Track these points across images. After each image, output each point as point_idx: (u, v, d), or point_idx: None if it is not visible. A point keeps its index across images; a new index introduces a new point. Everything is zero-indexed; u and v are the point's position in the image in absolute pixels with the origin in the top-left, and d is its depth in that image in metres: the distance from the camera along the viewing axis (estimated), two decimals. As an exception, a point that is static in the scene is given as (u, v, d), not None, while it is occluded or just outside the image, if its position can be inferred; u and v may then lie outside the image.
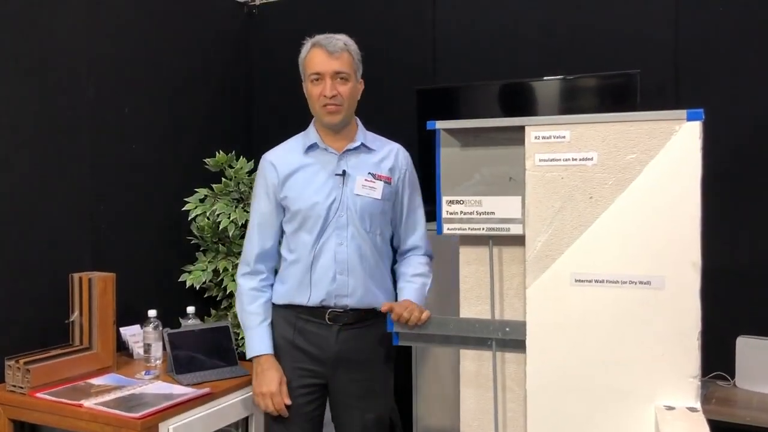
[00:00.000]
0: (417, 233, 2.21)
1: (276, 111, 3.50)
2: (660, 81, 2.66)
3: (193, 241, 3.05)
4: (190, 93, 3.15)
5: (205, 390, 2.27)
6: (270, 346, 2.08)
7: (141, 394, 2.23)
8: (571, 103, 2.68)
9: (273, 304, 2.13)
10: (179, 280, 2.99)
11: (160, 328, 2.61)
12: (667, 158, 1.60)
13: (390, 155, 2.15)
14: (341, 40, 2.04)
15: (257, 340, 2.08)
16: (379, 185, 2.08)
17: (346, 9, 3.33)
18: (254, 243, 2.13)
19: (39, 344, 2.42)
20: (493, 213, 1.80)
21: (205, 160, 3.06)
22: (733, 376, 2.49)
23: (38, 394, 2.19)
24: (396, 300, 2.11)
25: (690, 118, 1.58)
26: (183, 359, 2.48)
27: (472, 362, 1.90)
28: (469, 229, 1.83)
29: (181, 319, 2.82)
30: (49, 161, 2.56)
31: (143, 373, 2.46)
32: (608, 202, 1.65)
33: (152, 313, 2.62)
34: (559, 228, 1.70)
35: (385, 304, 1.92)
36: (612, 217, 1.65)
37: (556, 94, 2.72)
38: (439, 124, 1.81)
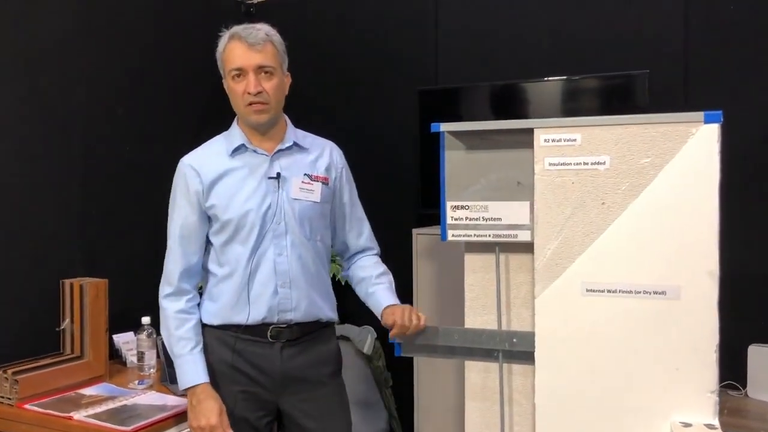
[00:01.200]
0: (365, 234, 2.06)
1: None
2: (669, 82, 2.58)
3: (188, 246, 2.96)
4: (186, 93, 3.07)
5: (200, 401, 2.18)
6: (205, 374, 1.83)
7: (133, 405, 2.15)
8: (578, 105, 2.61)
9: (204, 324, 1.90)
10: (174, 285, 2.90)
11: (154, 336, 2.54)
12: (683, 162, 1.54)
13: (324, 154, 1.97)
14: (262, 30, 1.84)
15: (191, 369, 1.83)
16: (317, 187, 1.90)
17: (347, 7, 3.26)
18: (177, 259, 1.88)
19: (29, 353, 2.34)
20: (499, 219, 1.73)
21: (201, 162, 2.97)
22: (744, 386, 2.41)
23: (26, 406, 2.11)
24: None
25: (708, 121, 1.52)
26: (177, 368, 2.39)
27: (478, 374, 1.82)
28: (474, 235, 1.76)
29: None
30: (39, 163, 2.48)
31: (136, 382, 2.39)
32: (621, 209, 1.59)
33: (146, 320, 2.54)
34: (569, 235, 1.63)
35: (392, 332, 1.82)
36: (625, 223, 1.58)
37: (563, 95, 2.65)
38: (444, 127, 1.74)
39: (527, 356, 1.72)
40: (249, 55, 1.82)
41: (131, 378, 2.46)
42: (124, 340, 2.66)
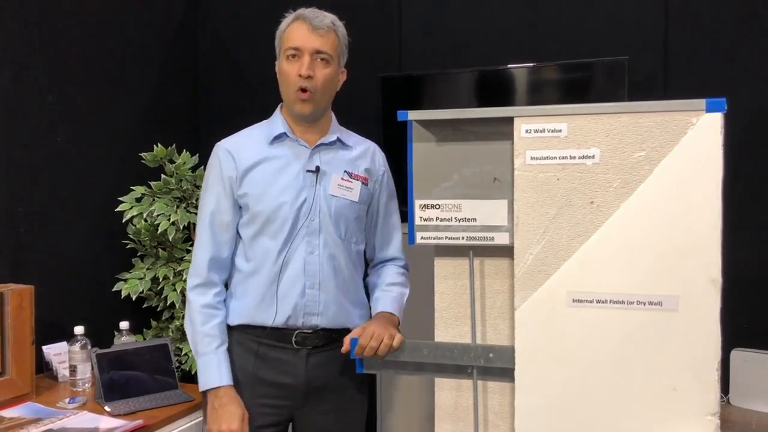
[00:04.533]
0: (394, 243, 1.94)
1: (223, 99, 3.19)
2: (648, 69, 2.43)
3: (129, 246, 2.73)
4: (126, 78, 2.82)
5: (138, 422, 1.96)
6: (230, 375, 1.75)
7: (61, 429, 1.91)
8: (554, 93, 2.44)
9: (226, 325, 1.81)
10: (113, 289, 2.66)
11: (89, 347, 2.30)
12: (682, 156, 1.37)
13: (366, 155, 1.89)
14: (329, 17, 1.77)
15: (214, 370, 1.74)
16: (357, 186, 1.82)
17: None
18: (206, 247, 1.79)
19: (-59, 370, 2.08)
20: (474, 219, 1.55)
21: (142, 155, 2.73)
22: (726, 393, 2.28)
23: (-65, 433, 1.86)
24: (371, 315, 1.85)
25: (710, 109, 1.35)
26: (114, 384, 2.17)
27: (449, 393, 1.64)
28: (446, 238, 1.57)
29: (117, 333, 2.51)
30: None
31: (67, 400, 2.15)
32: (613, 208, 1.41)
33: (79, 329, 2.30)
34: (554, 238, 1.45)
35: (345, 342, 1.65)
36: (617, 225, 1.41)
37: (536, 82, 2.49)
38: (412, 115, 1.54)
39: (505, 372, 1.54)
40: (309, 37, 1.74)
41: (62, 395, 2.22)
42: (55, 351, 2.41)
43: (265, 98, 1.97)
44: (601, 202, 1.41)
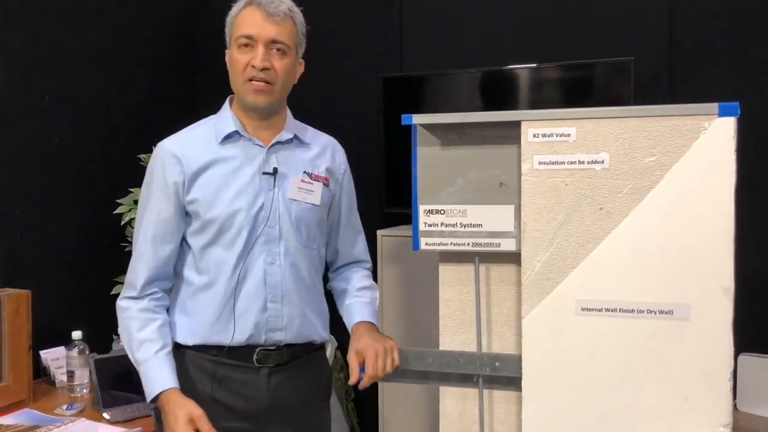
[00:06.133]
0: (359, 245, 1.84)
1: (222, 99, 3.13)
2: (653, 70, 2.40)
3: (127, 249, 2.69)
4: (123, 78, 2.79)
5: (137, 430, 1.96)
6: (173, 377, 1.56)
7: (58, 437, 1.89)
8: (558, 94, 2.41)
9: (177, 344, 1.63)
10: (112, 293, 2.62)
11: (87, 352, 2.28)
12: (694, 162, 1.34)
13: (326, 152, 1.74)
14: (286, 3, 1.61)
15: (156, 373, 1.55)
16: (318, 188, 1.68)
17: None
18: (147, 263, 1.61)
19: (-63, 376, 2.05)
20: (480, 225, 1.51)
21: (140, 156, 2.69)
22: (734, 398, 2.25)
23: (-70, 441, 1.83)
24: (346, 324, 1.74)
25: (723, 114, 1.32)
26: (112, 390, 2.14)
27: (454, 401, 1.61)
28: (451, 244, 1.54)
29: (115, 337, 2.48)
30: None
31: (65, 407, 2.13)
32: (622, 215, 1.38)
33: (77, 334, 2.29)
34: (562, 245, 1.41)
35: (354, 374, 1.56)
36: (627, 232, 1.38)
37: (540, 83, 2.46)
38: (417, 119, 1.50)
39: (511, 381, 1.51)
40: (264, 25, 1.57)
41: (60, 401, 2.21)
42: (53, 356, 2.40)
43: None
44: (611, 208, 1.38)
